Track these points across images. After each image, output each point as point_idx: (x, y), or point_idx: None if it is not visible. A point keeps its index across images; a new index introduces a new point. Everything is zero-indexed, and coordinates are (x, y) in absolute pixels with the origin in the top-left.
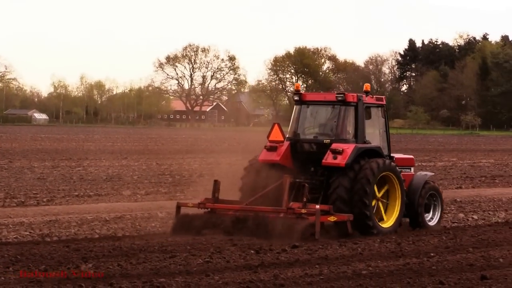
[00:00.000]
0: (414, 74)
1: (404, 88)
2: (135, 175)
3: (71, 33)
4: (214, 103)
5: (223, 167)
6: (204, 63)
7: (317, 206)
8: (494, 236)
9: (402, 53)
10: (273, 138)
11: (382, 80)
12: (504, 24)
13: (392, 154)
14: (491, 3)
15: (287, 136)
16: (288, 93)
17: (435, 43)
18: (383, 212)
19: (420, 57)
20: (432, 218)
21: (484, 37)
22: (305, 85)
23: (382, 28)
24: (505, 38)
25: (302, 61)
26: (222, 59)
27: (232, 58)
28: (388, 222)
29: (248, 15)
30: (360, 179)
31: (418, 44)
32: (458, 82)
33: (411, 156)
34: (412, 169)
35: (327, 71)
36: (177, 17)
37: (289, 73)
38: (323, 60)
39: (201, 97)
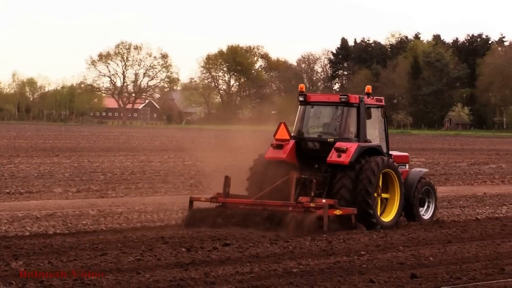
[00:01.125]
0: (346, 73)
1: (336, 86)
2: (67, 173)
3: (3, 29)
4: (147, 101)
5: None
6: (136, 61)
7: (324, 201)
8: (424, 234)
9: (334, 51)
10: (279, 137)
11: (315, 78)
12: (436, 23)
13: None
14: (422, 5)
15: (292, 134)
16: (221, 91)
17: (367, 42)
18: (384, 206)
19: (352, 56)
20: (426, 212)
21: (416, 36)
22: (237, 83)
23: (315, 26)
24: (436, 37)
25: (235, 59)
26: (155, 57)
27: (164, 56)
28: (389, 216)
29: (181, 13)
30: (362, 180)
31: (351, 43)
32: (390, 81)
33: (406, 154)
34: (407, 165)
35: (260, 69)
36: (109, 15)
37: (222, 71)
38: (255, 58)
39: (133, 94)
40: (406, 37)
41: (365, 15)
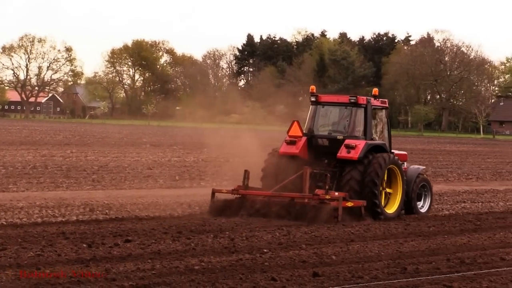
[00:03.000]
0: (251, 69)
1: (241, 83)
2: None
3: None
4: (50, 94)
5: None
6: (40, 54)
7: (336, 193)
8: (327, 233)
9: (240, 48)
10: (293, 134)
11: (220, 75)
12: (342, 21)
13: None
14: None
15: (304, 132)
16: (125, 86)
17: (273, 38)
18: (387, 199)
19: (258, 53)
20: (423, 206)
21: (322, 34)
22: (142, 78)
23: (221, 22)
24: (343, 35)
25: (140, 54)
26: (59, 50)
27: (68, 49)
28: (392, 208)
29: (85, 5)
30: (370, 173)
31: (257, 39)
32: (295, 79)
33: (405, 152)
34: (405, 163)
35: (165, 64)
36: (13, 7)
37: (126, 65)
38: (160, 53)
39: (36, 88)
40: (312, 35)
41: (271, 12)
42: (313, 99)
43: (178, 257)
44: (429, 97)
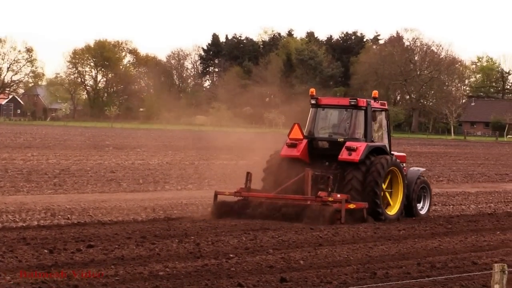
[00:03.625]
0: (217, 70)
1: (207, 83)
2: None
3: None
4: (10, 96)
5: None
6: (0, 55)
7: (339, 195)
8: (295, 237)
9: (205, 47)
10: (293, 136)
11: (185, 75)
12: (310, 20)
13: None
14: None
15: (304, 134)
16: (87, 87)
17: (239, 38)
18: (388, 201)
19: (224, 52)
20: (423, 208)
21: (289, 33)
22: (104, 79)
23: (185, 21)
24: (310, 35)
25: (102, 54)
26: (19, 51)
27: (29, 50)
28: (393, 210)
29: (46, 5)
30: (372, 172)
31: (222, 39)
32: (261, 79)
33: (404, 154)
34: (404, 164)
35: (128, 65)
36: None
37: (89, 66)
38: (124, 54)
39: None
40: (279, 34)
41: (237, 11)
42: (313, 101)
43: (142, 262)
44: (398, 97)
